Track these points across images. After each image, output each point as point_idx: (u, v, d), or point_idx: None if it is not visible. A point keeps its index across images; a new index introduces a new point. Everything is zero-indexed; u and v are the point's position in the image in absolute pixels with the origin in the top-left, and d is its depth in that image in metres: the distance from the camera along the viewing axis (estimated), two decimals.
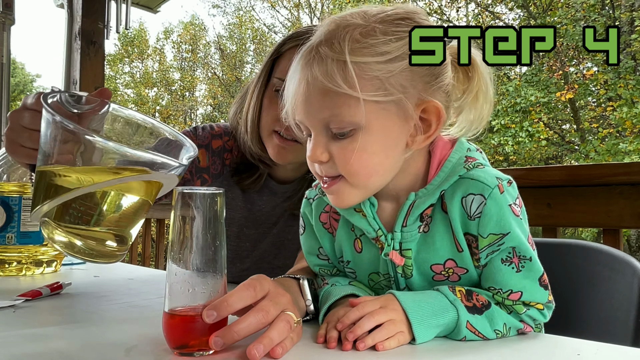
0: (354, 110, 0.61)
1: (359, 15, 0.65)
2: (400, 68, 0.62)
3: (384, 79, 0.62)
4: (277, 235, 1.17)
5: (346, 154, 0.63)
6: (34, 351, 0.57)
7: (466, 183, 0.65)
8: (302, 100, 0.65)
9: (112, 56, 18.62)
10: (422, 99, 0.64)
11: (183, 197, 0.57)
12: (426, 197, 0.67)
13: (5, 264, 1.13)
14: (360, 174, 0.64)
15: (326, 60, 0.62)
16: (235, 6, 19.19)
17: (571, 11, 11.07)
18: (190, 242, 0.57)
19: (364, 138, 0.63)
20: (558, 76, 11.12)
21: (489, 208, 0.63)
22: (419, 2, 12.89)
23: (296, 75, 0.66)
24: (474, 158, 0.68)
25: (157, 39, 19.83)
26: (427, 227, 0.68)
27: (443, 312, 0.64)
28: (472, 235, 0.66)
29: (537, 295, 0.67)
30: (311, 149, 0.66)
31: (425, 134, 0.66)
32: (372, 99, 0.61)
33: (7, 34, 2.73)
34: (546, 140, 10.84)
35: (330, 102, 0.62)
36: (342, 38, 0.62)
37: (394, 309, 0.63)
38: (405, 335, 0.62)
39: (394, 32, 0.63)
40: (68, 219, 0.72)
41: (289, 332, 0.59)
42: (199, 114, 19.45)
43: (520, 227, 0.65)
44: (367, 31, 0.62)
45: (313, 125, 0.65)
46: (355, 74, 0.60)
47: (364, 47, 0.61)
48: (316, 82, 0.62)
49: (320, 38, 0.64)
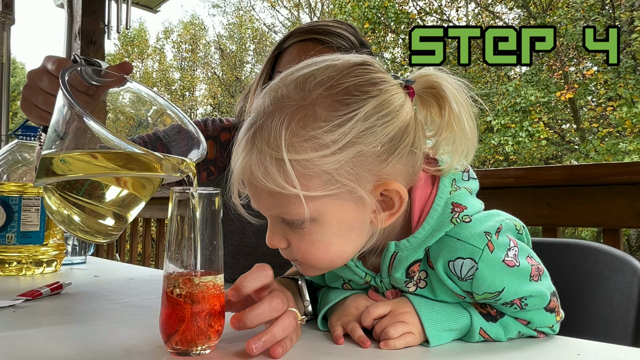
0: (300, 207, 0.56)
1: (298, 85, 0.58)
2: (350, 156, 0.55)
3: (333, 172, 0.55)
4: None
5: (302, 245, 0.60)
6: (34, 351, 0.57)
7: (452, 244, 0.60)
8: (251, 194, 0.61)
9: (112, 56, 18.61)
10: (379, 180, 0.58)
11: (180, 197, 0.57)
12: (409, 251, 0.62)
13: (5, 264, 1.13)
14: (321, 262, 0.61)
15: (265, 157, 0.56)
16: (235, 6, 19.19)
17: (571, 11, 11.07)
18: (188, 242, 0.57)
19: (318, 229, 0.58)
20: (558, 76, 11.12)
21: (482, 272, 0.59)
22: (419, 2, 12.89)
23: (239, 159, 0.60)
24: (460, 206, 0.61)
25: (157, 39, 19.86)
26: (425, 283, 0.65)
27: (456, 317, 0.64)
28: (467, 291, 0.63)
29: (545, 320, 0.66)
30: (268, 236, 0.62)
31: (388, 211, 0.60)
32: (320, 193, 0.56)
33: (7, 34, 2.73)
34: (546, 140, 10.84)
35: (277, 201, 0.58)
36: (278, 131, 0.55)
37: (406, 311, 0.63)
38: (414, 337, 0.62)
39: (338, 116, 0.55)
40: (73, 190, 0.72)
41: (294, 329, 0.60)
42: (199, 113, 19.43)
43: (517, 275, 0.61)
44: (307, 117, 0.55)
45: (267, 216, 0.62)
46: (297, 173, 0.54)
47: (304, 140, 0.55)
48: (259, 183, 0.57)
49: (257, 121, 0.58)
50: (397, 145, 0.58)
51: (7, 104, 2.81)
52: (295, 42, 1.06)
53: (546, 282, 0.65)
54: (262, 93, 0.61)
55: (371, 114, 0.56)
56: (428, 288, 0.65)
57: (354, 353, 0.59)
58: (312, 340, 0.64)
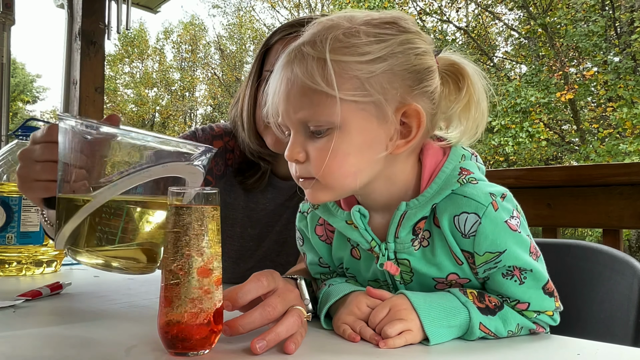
0: (331, 109, 0.61)
1: (345, 18, 0.65)
2: (382, 69, 0.62)
3: (364, 79, 0.61)
4: (280, 233, 1.17)
5: (322, 153, 0.63)
6: (34, 351, 0.57)
7: (458, 200, 0.64)
8: (282, 99, 0.65)
9: (112, 56, 18.63)
10: (403, 102, 0.63)
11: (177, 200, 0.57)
12: (417, 209, 0.66)
13: (5, 264, 1.13)
14: (334, 174, 0.64)
15: (307, 59, 0.62)
16: (235, 6, 19.21)
17: (571, 11, 11.08)
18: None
19: (341, 137, 0.62)
20: (558, 76, 11.12)
21: (484, 227, 0.62)
22: (419, 3, 12.90)
23: (277, 74, 0.66)
24: (468, 170, 0.66)
25: (157, 39, 19.86)
26: (427, 242, 0.68)
27: (455, 313, 0.64)
28: (468, 252, 0.66)
29: (545, 303, 0.67)
30: (289, 147, 0.66)
31: (404, 138, 0.65)
32: (351, 98, 0.61)
33: (7, 34, 2.73)
34: (546, 141, 10.85)
35: (308, 100, 0.62)
36: (325, 37, 0.62)
37: (404, 308, 0.63)
38: (413, 334, 0.62)
39: (377, 34, 0.63)
40: (94, 241, 0.72)
41: (299, 326, 0.60)
42: (199, 114, 19.46)
43: (519, 241, 0.64)
44: (351, 32, 0.63)
45: (292, 124, 0.65)
46: (334, 72, 0.60)
47: (346, 46, 0.62)
48: (296, 80, 0.62)
49: (305, 39, 0.65)
50: (423, 79, 0.64)
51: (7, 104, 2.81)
52: (280, 38, 1.05)
53: (543, 266, 0.67)
54: (311, 24, 0.66)
55: (406, 43, 0.63)
56: (429, 248, 0.67)
57: (359, 351, 0.59)
58: (314, 338, 0.64)
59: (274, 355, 0.57)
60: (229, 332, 0.58)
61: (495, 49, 13.54)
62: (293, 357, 0.57)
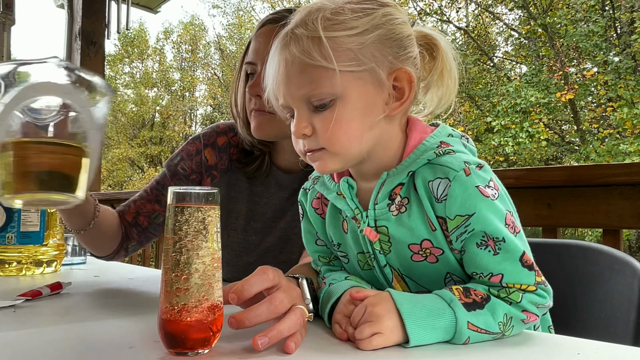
0: (331, 81, 0.66)
1: (329, 0, 0.70)
2: (371, 40, 0.67)
3: (357, 51, 0.67)
4: (284, 230, 1.18)
5: (327, 123, 0.67)
6: (34, 351, 0.57)
7: (433, 168, 0.68)
8: (282, 80, 0.69)
9: (112, 56, 18.63)
10: (394, 67, 0.69)
11: (177, 199, 0.57)
12: (395, 176, 0.70)
13: (5, 264, 1.13)
14: (341, 141, 0.68)
15: (302, 39, 0.67)
16: (235, 6, 19.22)
17: (571, 11, 11.08)
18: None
19: (343, 106, 0.67)
20: (558, 77, 11.13)
21: (453, 189, 0.65)
22: (419, 3, 12.91)
23: (275, 58, 0.70)
24: (448, 144, 0.70)
25: (157, 39, 19.87)
26: (405, 209, 0.71)
27: (439, 314, 0.62)
28: (441, 218, 0.68)
29: (521, 276, 0.65)
30: (295, 124, 0.69)
31: (398, 100, 0.70)
32: (347, 69, 0.66)
33: (7, 34, 2.73)
34: (546, 141, 10.85)
35: (309, 76, 0.67)
36: (315, 18, 0.67)
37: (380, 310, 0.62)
38: (384, 336, 0.60)
39: (361, 9, 0.69)
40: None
41: (301, 325, 0.60)
42: (199, 114, 19.46)
43: (491, 208, 0.65)
44: (337, 11, 0.68)
45: (295, 102, 0.69)
46: (330, 48, 0.65)
47: (336, 23, 0.67)
48: (295, 60, 0.67)
49: (295, 23, 0.69)
50: (407, 46, 0.70)
51: None
52: (258, 29, 1.10)
53: (522, 242, 0.67)
54: (297, 11, 0.71)
55: (387, 15, 0.70)
56: (406, 214, 0.71)
57: (359, 351, 0.59)
58: (314, 338, 0.64)
59: (273, 355, 0.57)
60: (235, 325, 0.58)
61: (495, 49, 13.54)
62: (293, 357, 0.57)
